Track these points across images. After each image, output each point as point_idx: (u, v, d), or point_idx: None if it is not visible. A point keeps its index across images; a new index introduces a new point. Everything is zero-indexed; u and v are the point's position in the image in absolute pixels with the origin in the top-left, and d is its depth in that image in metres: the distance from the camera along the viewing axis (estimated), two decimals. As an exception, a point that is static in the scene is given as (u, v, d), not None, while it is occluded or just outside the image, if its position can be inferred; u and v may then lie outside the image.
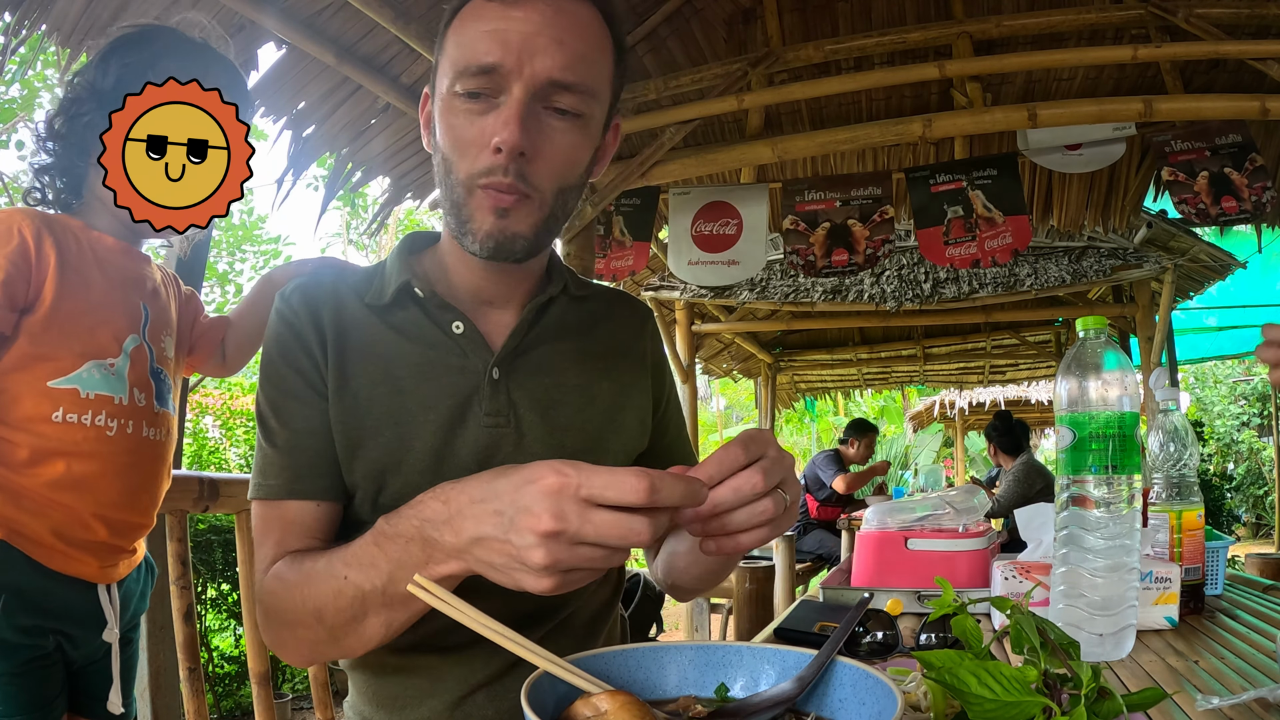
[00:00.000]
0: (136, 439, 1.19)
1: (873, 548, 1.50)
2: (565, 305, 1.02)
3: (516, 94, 0.82)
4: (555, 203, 0.88)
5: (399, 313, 0.95)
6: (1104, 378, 1.02)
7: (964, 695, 0.65)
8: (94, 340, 1.15)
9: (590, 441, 0.97)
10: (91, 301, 1.15)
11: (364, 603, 0.75)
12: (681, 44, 3.65)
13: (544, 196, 0.87)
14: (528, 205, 0.86)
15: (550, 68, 0.82)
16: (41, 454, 1.10)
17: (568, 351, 0.99)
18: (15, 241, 1.09)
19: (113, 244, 1.21)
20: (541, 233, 0.89)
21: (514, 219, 0.86)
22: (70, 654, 1.17)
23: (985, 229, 3.36)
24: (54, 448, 1.11)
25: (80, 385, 1.13)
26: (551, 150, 0.85)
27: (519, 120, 0.81)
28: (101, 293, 1.17)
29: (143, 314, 1.23)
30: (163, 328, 1.28)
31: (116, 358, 1.17)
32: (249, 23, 2.44)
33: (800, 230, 3.59)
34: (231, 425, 6.31)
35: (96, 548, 1.16)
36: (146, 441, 1.21)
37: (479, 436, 0.92)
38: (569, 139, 0.86)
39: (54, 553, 1.12)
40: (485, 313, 0.98)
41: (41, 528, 1.11)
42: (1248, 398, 11.24)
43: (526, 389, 0.95)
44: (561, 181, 0.88)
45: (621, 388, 1.02)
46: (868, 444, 6.49)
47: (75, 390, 1.12)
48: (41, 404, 1.10)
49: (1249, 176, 3.08)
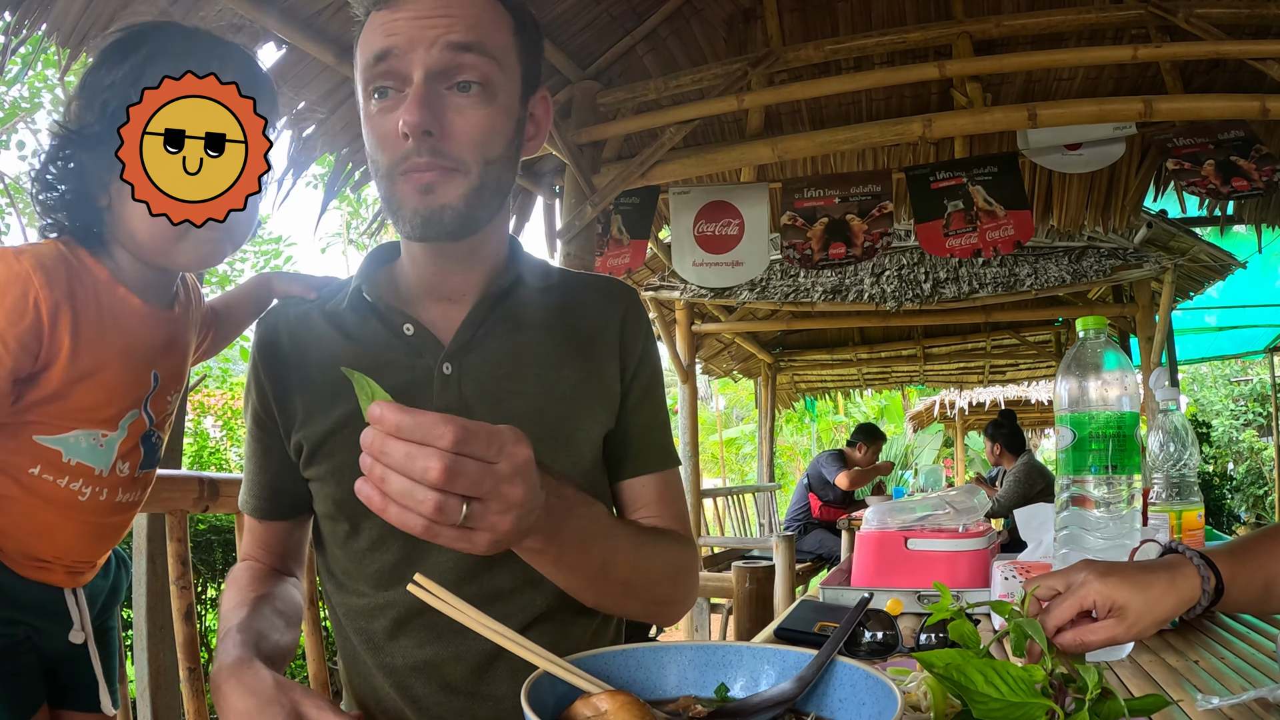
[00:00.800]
0: (110, 504, 1.14)
1: (873, 548, 1.50)
2: (525, 295, 1.01)
3: (415, 78, 0.86)
4: (484, 174, 0.90)
5: (353, 319, 1.00)
6: (1104, 378, 1.02)
7: (969, 693, 0.65)
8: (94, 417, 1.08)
9: (546, 431, 0.96)
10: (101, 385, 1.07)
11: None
12: (681, 44, 3.66)
13: (468, 168, 0.89)
14: (453, 178, 0.88)
15: (441, 37, 0.85)
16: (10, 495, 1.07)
17: (526, 342, 0.99)
18: (28, 320, 0.97)
19: (137, 307, 1.08)
20: (473, 203, 0.90)
21: (440, 193, 0.88)
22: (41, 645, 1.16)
23: (986, 221, 3.35)
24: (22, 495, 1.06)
25: (65, 449, 1.06)
26: (463, 124, 0.87)
27: (418, 101, 0.84)
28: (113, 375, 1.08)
29: (152, 384, 1.14)
30: (170, 389, 1.18)
31: (112, 432, 1.10)
32: (249, 23, 2.44)
33: (798, 226, 3.59)
34: (232, 425, 6.32)
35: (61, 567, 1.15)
36: (119, 505, 1.16)
37: None
38: (478, 111, 0.88)
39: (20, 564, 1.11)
40: (440, 310, 0.99)
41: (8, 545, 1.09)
42: (1246, 398, 11.24)
43: (479, 382, 0.96)
44: (483, 153, 0.89)
45: (588, 374, 1.00)
46: (875, 451, 6.48)
47: (59, 453, 1.06)
48: (22, 456, 1.05)
49: (1256, 162, 3.06)
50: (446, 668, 0.95)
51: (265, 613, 0.93)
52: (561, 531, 0.75)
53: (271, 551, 1.07)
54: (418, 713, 0.96)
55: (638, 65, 3.66)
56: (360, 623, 0.99)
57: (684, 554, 0.99)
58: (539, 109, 0.98)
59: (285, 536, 1.07)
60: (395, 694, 0.97)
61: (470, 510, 0.61)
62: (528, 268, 1.02)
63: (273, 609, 0.95)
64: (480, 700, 0.96)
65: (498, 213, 0.96)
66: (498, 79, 0.89)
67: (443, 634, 0.95)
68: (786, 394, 9.27)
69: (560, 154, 3.51)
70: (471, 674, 0.96)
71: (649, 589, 0.94)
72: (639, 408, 1.04)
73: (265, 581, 1.01)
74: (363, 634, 0.99)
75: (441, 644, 0.95)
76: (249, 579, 1.00)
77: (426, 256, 0.98)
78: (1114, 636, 0.83)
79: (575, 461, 0.98)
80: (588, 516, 0.80)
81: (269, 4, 2.41)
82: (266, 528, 1.05)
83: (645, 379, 1.05)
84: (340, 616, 1.02)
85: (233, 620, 0.89)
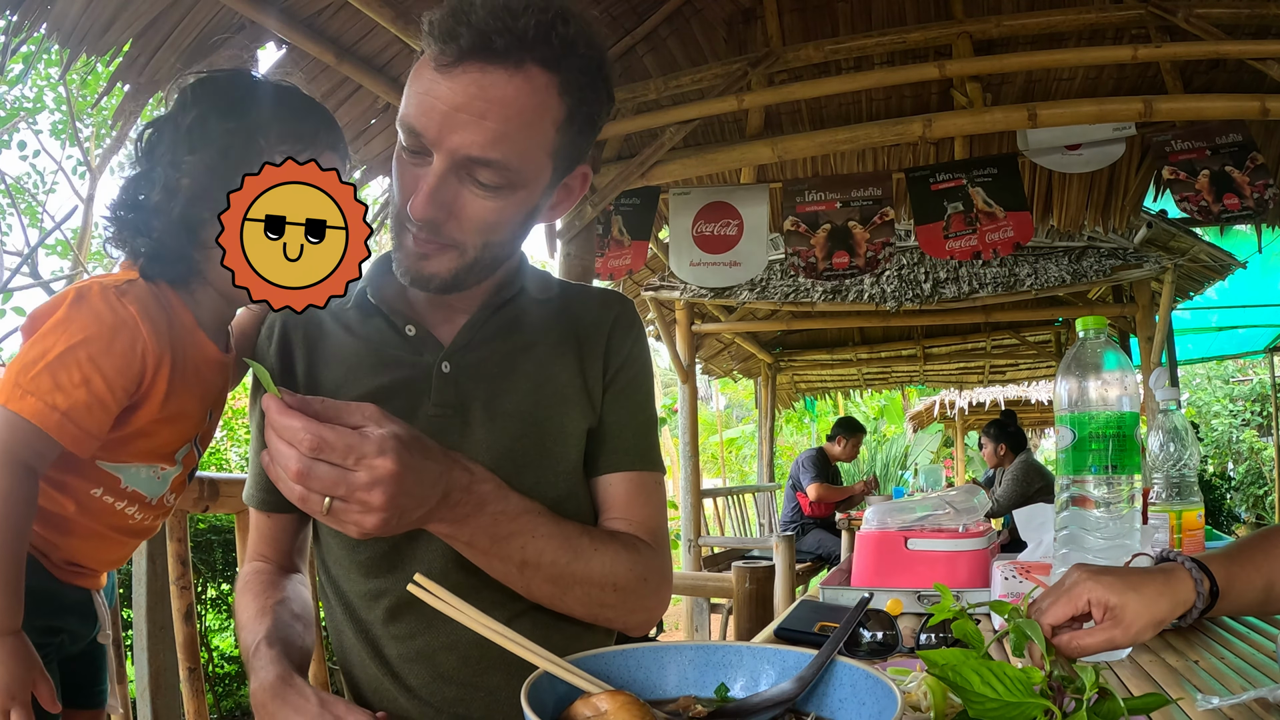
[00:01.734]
0: (151, 526, 1.18)
1: (873, 548, 1.50)
2: (526, 304, 1.05)
3: (436, 166, 0.86)
4: (480, 252, 0.92)
5: (358, 318, 1.02)
6: (1104, 378, 1.02)
7: (966, 694, 0.65)
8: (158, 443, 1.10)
9: (535, 427, 0.99)
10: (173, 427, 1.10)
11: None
12: (681, 44, 3.65)
13: (465, 248, 0.91)
14: (448, 254, 0.91)
15: (468, 145, 0.84)
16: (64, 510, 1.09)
17: (521, 344, 1.02)
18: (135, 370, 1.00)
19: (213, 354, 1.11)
20: (462, 274, 0.93)
21: (432, 263, 0.91)
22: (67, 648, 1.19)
23: (986, 222, 3.36)
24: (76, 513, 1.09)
25: (124, 476, 1.09)
26: (470, 214, 0.89)
27: (429, 193, 0.85)
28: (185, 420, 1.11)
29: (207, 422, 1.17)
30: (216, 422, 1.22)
31: (170, 467, 1.13)
32: (249, 23, 2.44)
33: (801, 232, 3.60)
34: (232, 425, 6.31)
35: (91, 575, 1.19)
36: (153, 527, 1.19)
37: (426, 426, 0.95)
38: (488, 205, 0.89)
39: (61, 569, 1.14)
40: (442, 315, 1.03)
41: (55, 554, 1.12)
42: (1245, 398, 11.24)
43: (475, 381, 0.99)
44: (485, 237, 0.91)
45: (575, 373, 1.03)
46: (855, 444, 6.46)
47: (118, 479, 1.09)
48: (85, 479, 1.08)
49: (1250, 175, 3.08)
50: (439, 657, 0.97)
51: (286, 619, 0.95)
52: (469, 523, 0.83)
53: (278, 547, 1.08)
54: (413, 702, 0.97)
55: (638, 65, 3.66)
56: (355, 612, 1.00)
57: (638, 561, 0.97)
58: (575, 181, 0.99)
59: (293, 530, 1.08)
60: (390, 684, 0.98)
61: (333, 506, 0.71)
62: (533, 281, 1.06)
63: (290, 613, 0.97)
64: (474, 690, 0.97)
65: (491, 274, 0.98)
66: (519, 181, 0.89)
67: (434, 623, 0.96)
68: (786, 394, 9.27)
69: (560, 154, 3.51)
70: (464, 664, 0.97)
71: (586, 592, 0.94)
72: (614, 405, 1.05)
73: (278, 586, 1.02)
74: (358, 624, 1.00)
75: (434, 633, 0.97)
76: (262, 585, 1.02)
77: None
78: (1111, 639, 0.82)
79: (562, 457, 1.00)
80: (504, 514, 0.86)
81: (269, 4, 2.41)
82: (274, 522, 1.07)
83: (626, 378, 1.06)
84: (335, 607, 1.03)
85: (259, 632, 0.91)
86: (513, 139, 0.85)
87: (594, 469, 1.04)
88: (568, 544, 0.91)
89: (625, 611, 0.98)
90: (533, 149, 0.88)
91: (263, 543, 1.08)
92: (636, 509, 1.03)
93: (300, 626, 0.97)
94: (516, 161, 0.87)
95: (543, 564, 0.89)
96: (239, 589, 1.04)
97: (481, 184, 0.87)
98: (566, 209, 1.00)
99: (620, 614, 0.99)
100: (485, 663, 0.97)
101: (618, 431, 1.04)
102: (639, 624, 1.02)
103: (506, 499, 0.87)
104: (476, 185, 0.87)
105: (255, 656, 0.88)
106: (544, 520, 0.90)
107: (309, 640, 0.97)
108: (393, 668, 0.98)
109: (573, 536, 0.92)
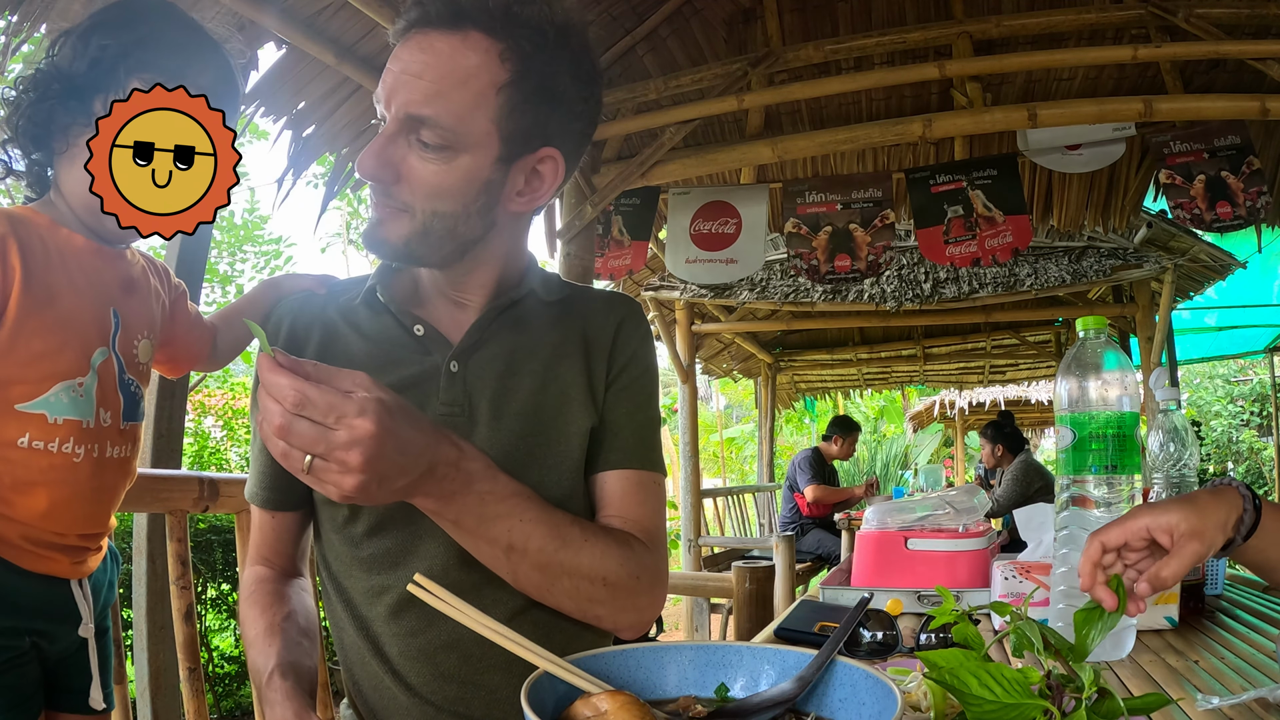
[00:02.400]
0: (102, 461, 1.15)
1: (873, 548, 1.50)
2: (532, 307, 1.05)
3: (386, 127, 0.91)
4: (430, 222, 0.93)
5: (367, 315, 1.03)
6: (1104, 378, 1.02)
7: (964, 696, 0.65)
8: (61, 359, 1.10)
9: (539, 425, 1.00)
10: (58, 317, 1.10)
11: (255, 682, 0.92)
12: (681, 44, 3.65)
13: (414, 212, 0.92)
14: (399, 218, 0.93)
15: (406, 102, 0.89)
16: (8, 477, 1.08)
17: (528, 343, 1.03)
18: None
19: (82, 244, 1.14)
20: (414, 244, 0.94)
21: (385, 228, 0.93)
22: (46, 650, 1.16)
23: (985, 228, 3.36)
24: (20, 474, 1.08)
25: (48, 410, 1.09)
26: (416, 176, 0.91)
27: (375, 150, 0.90)
28: (69, 306, 1.11)
29: (113, 323, 1.17)
30: (136, 332, 1.22)
31: (85, 376, 1.12)
32: (249, 23, 2.44)
33: (803, 234, 3.60)
34: (233, 425, 6.31)
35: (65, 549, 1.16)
36: (111, 462, 1.17)
37: None
38: (431, 167, 0.91)
39: (24, 553, 1.11)
40: (450, 313, 1.03)
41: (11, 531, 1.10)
42: (1245, 398, 11.24)
43: (482, 380, 1.00)
44: (432, 205, 0.92)
45: (580, 372, 1.04)
46: (850, 442, 6.43)
47: (43, 416, 1.09)
48: (9, 428, 1.07)
49: (1245, 180, 3.09)
50: (440, 655, 0.97)
51: (294, 637, 0.96)
52: (455, 500, 0.84)
53: (281, 550, 1.07)
54: (414, 700, 0.97)
55: (638, 65, 3.66)
56: (356, 610, 1.00)
57: (630, 558, 0.96)
58: (545, 167, 0.97)
59: (296, 530, 1.08)
60: (391, 681, 0.98)
61: (313, 464, 0.73)
62: (541, 283, 1.06)
63: (298, 629, 0.98)
64: (474, 689, 0.97)
65: (456, 256, 0.97)
66: (459, 143, 0.90)
67: (435, 621, 0.96)
68: (786, 394, 9.27)
69: (560, 154, 3.51)
70: (465, 662, 0.97)
71: (575, 584, 0.93)
72: (616, 403, 1.05)
73: (283, 598, 1.02)
74: (359, 621, 1.00)
75: (435, 631, 0.97)
76: (268, 597, 1.01)
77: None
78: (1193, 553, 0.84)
79: (565, 455, 1.01)
80: (491, 494, 0.86)
81: (269, 4, 2.41)
82: (277, 521, 1.06)
83: (630, 378, 1.06)
84: (337, 606, 1.03)
85: (270, 656, 0.91)
86: (447, 96, 0.89)
87: (593, 466, 1.04)
88: (556, 531, 0.90)
89: (616, 609, 0.97)
90: (470, 110, 0.90)
91: (265, 545, 1.07)
92: (633, 507, 1.02)
93: (307, 643, 0.98)
94: (451, 120, 0.89)
95: (530, 549, 0.89)
96: (243, 598, 1.03)
97: (425, 144, 0.90)
98: (541, 198, 0.99)
99: (611, 611, 0.97)
100: (486, 661, 0.97)
101: (617, 430, 1.04)
102: (630, 624, 1.00)
103: (495, 479, 0.87)
104: (421, 146, 0.90)
105: (269, 688, 0.88)
106: (533, 505, 0.90)
107: (315, 657, 0.98)
108: (393, 665, 0.98)
109: (562, 525, 0.91)
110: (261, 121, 2.93)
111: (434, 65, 0.89)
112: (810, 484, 5.94)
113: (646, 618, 1.01)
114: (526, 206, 0.99)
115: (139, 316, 1.22)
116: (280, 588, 1.04)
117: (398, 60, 0.91)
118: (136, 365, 1.22)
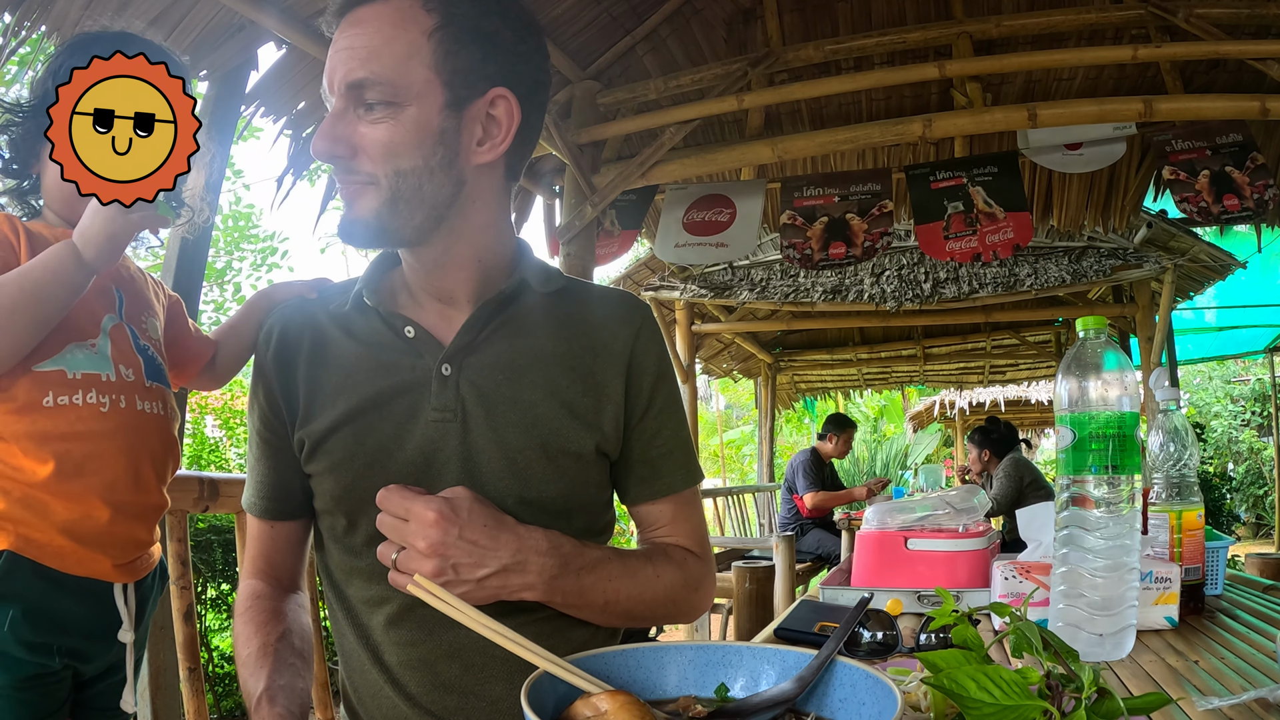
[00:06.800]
0: (131, 413, 1.17)
1: (873, 548, 1.50)
2: (531, 301, 1.02)
3: (332, 107, 0.91)
4: (396, 185, 0.91)
5: (358, 321, 1.01)
6: (1104, 378, 1.02)
7: (962, 701, 0.65)
8: (71, 324, 1.13)
9: (532, 439, 0.96)
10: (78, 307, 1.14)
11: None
12: (681, 44, 3.66)
13: (378, 180, 0.91)
14: (367, 192, 0.92)
15: (343, 74, 0.89)
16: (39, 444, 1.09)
17: (528, 348, 1.00)
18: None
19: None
20: (386, 216, 0.92)
21: (355, 207, 0.92)
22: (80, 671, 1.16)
23: (986, 223, 3.34)
24: (50, 434, 1.09)
25: (66, 366, 1.11)
26: (370, 142, 0.90)
27: (324, 130, 0.90)
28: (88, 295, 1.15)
29: (116, 297, 1.21)
30: (142, 309, 1.26)
31: (96, 338, 1.15)
32: (249, 23, 2.44)
33: (798, 225, 3.58)
34: (232, 425, 6.31)
35: (108, 542, 1.15)
36: (143, 415, 1.19)
37: (426, 431, 0.95)
38: (381, 128, 0.90)
39: (65, 554, 1.10)
40: (440, 313, 1.01)
41: (50, 527, 1.09)
42: (1245, 398, 11.24)
43: (476, 384, 0.97)
44: (393, 166, 0.91)
45: (590, 386, 1.00)
46: (846, 440, 6.37)
47: (62, 371, 1.11)
48: (32, 390, 1.09)
49: (1250, 175, 3.07)
50: (440, 665, 0.96)
51: (287, 658, 0.94)
52: (557, 583, 0.90)
53: (280, 562, 1.06)
54: (414, 709, 0.96)
55: (638, 65, 3.66)
56: (356, 618, 0.99)
57: (692, 572, 1.04)
58: (499, 110, 0.95)
59: (297, 541, 1.07)
60: (391, 691, 0.97)
61: (398, 556, 0.84)
62: (533, 272, 1.02)
63: (292, 650, 0.96)
64: (475, 699, 0.96)
65: (431, 223, 0.94)
66: (403, 95, 0.90)
67: (435, 630, 0.95)
68: (786, 394, 9.27)
69: (560, 154, 3.51)
70: (465, 672, 0.96)
71: (652, 610, 1.01)
72: (660, 431, 1.05)
73: (279, 616, 1.00)
74: (359, 629, 0.99)
75: (434, 641, 0.96)
76: (263, 614, 0.99)
77: (406, 258, 1.00)
78: None
79: (563, 471, 0.98)
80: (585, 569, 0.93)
81: (269, 4, 2.41)
82: (276, 531, 1.05)
83: (663, 399, 1.05)
84: (338, 613, 1.02)
85: (261, 679, 0.90)
86: (379, 52, 0.89)
87: (644, 495, 1.06)
88: (635, 579, 0.98)
89: (676, 616, 1.06)
90: (404, 60, 0.90)
91: (262, 557, 1.05)
92: (683, 522, 1.08)
93: (300, 663, 0.96)
94: (389, 74, 0.89)
95: (619, 600, 0.97)
96: (238, 613, 1.01)
97: (370, 107, 0.90)
98: (502, 144, 0.96)
99: (672, 618, 1.06)
100: (486, 671, 0.96)
101: (668, 457, 1.05)
102: (687, 623, 1.12)
103: (583, 554, 0.93)
104: (367, 110, 0.90)
105: (257, 713, 0.87)
106: (614, 562, 0.96)
107: (309, 678, 0.97)
108: (393, 674, 0.97)
109: (638, 570, 0.98)
110: (261, 122, 2.93)
111: (363, 33, 0.90)
112: (809, 490, 5.88)
113: (701, 613, 1.10)
114: (490, 155, 0.95)
115: (141, 299, 1.27)
116: (276, 605, 1.01)
117: (334, 45, 0.92)
118: (150, 337, 1.25)
